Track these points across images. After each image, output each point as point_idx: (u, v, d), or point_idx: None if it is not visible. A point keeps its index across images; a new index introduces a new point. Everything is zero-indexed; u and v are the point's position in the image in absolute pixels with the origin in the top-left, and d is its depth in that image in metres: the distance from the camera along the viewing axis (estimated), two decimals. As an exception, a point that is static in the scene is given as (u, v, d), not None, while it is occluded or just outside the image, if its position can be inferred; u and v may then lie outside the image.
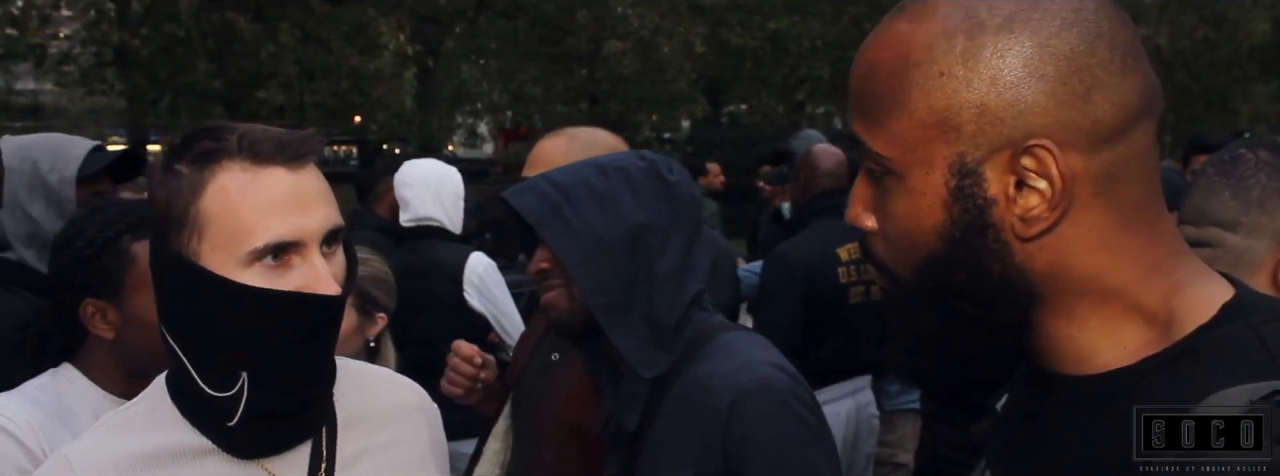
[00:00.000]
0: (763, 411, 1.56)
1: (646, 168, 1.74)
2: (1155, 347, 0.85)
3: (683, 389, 1.64)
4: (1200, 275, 0.89)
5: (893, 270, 0.93)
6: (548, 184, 1.73)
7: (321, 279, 1.20)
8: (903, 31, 0.88)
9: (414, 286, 3.85)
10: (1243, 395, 0.76)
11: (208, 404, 1.24)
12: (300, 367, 1.24)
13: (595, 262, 1.66)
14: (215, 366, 1.22)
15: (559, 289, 1.74)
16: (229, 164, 1.18)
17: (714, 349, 1.66)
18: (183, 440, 1.27)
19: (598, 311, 1.66)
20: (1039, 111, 0.83)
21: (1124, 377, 0.86)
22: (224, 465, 1.27)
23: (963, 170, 0.86)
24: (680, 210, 1.74)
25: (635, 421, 1.69)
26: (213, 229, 1.18)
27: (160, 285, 1.25)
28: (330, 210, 1.23)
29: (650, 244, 1.68)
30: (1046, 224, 0.85)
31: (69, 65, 18.38)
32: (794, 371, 1.67)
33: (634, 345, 1.66)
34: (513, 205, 1.75)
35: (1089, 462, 0.85)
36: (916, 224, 0.89)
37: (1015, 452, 0.96)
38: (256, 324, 1.19)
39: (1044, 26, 0.84)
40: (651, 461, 1.66)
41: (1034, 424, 0.94)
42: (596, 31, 19.80)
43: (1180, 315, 0.85)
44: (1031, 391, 0.96)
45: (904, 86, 0.87)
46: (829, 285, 3.92)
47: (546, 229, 1.68)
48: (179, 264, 1.20)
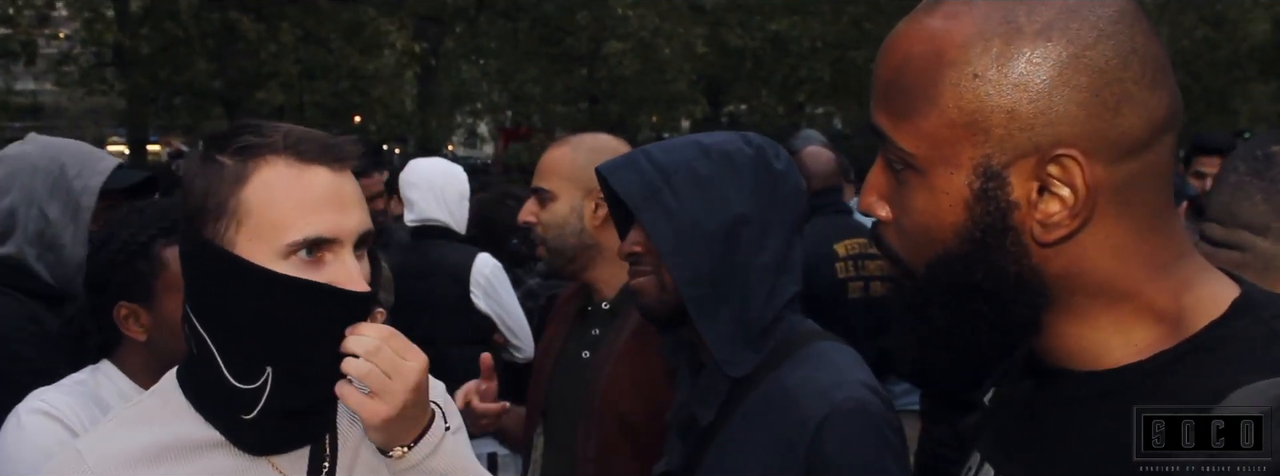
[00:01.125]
0: (854, 434, 1.50)
1: (753, 154, 1.66)
2: (1165, 344, 0.86)
3: (768, 392, 1.59)
4: (1206, 273, 0.90)
5: (905, 262, 0.94)
6: (648, 161, 1.67)
7: (353, 277, 1.22)
8: (937, 28, 0.88)
9: (418, 286, 3.85)
10: (1270, 389, 0.77)
11: (227, 396, 1.25)
12: (324, 363, 1.24)
13: (691, 252, 1.60)
14: (241, 356, 1.24)
15: (650, 275, 1.69)
16: (274, 159, 1.21)
17: (807, 356, 1.60)
18: (193, 433, 1.28)
19: (690, 303, 1.60)
20: (1069, 121, 0.84)
21: (1134, 373, 0.87)
22: (232, 458, 1.28)
23: (988, 173, 0.86)
24: (783, 202, 1.66)
25: (711, 415, 1.63)
26: (253, 219, 1.20)
27: (191, 273, 1.27)
28: (365, 214, 1.26)
29: (750, 237, 1.61)
30: (1066, 231, 0.86)
31: (69, 65, 18.38)
32: (885, 394, 1.61)
33: (723, 341, 1.60)
34: (610, 182, 1.69)
35: (1096, 457, 0.86)
36: (935, 221, 0.89)
37: (1016, 445, 0.97)
38: (287, 313, 1.21)
39: (1081, 37, 0.84)
40: (720, 456, 1.62)
41: (1038, 417, 0.94)
42: (596, 32, 19.78)
43: (1190, 312, 0.87)
44: (1032, 386, 0.97)
45: (936, 84, 0.87)
46: (826, 281, 3.93)
47: (644, 212, 1.63)
48: (213, 252, 1.22)
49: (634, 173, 1.66)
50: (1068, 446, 0.90)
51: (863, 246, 3.99)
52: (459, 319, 3.81)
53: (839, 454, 1.49)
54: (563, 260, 2.24)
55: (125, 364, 1.76)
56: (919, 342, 0.96)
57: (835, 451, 1.49)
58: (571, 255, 2.22)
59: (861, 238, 4.03)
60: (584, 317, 2.28)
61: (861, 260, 3.97)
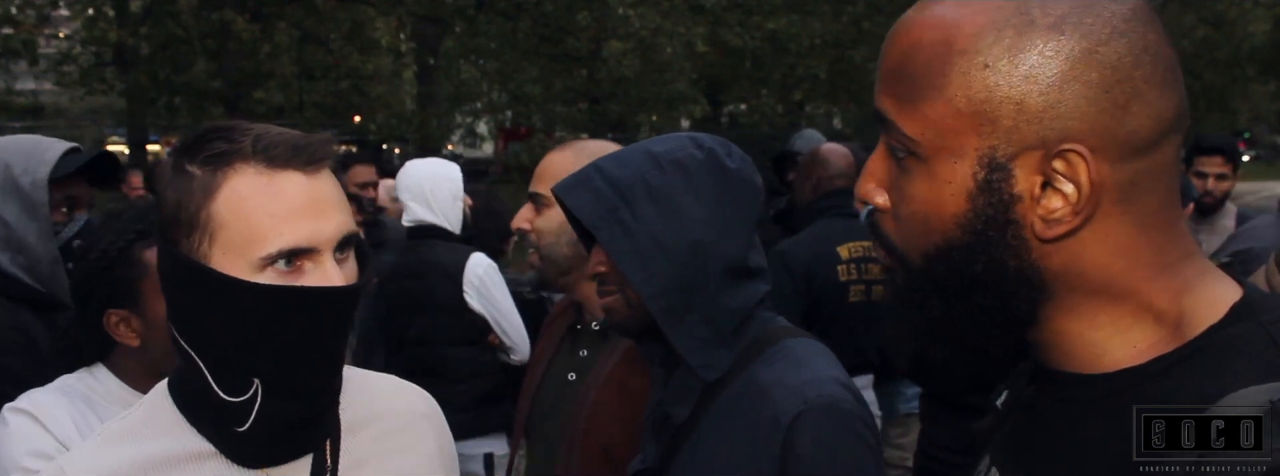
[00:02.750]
0: (827, 432, 1.51)
1: (704, 158, 1.65)
2: (1165, 347, 0.85)
3: (741, 390, 1.59)
4: (1208, 275, 0.89)
5: (901, 251, 0.93)
6: (602, 179, 1.65)
7: (334, 282, 1.18)
8: (950, 16, 0.87)
9: (413, 286, 3.84)
10: (1262, 395, 0.76)
11: (219, 408, 1.22)
12: (311, 371, 1.21)
13: (654, 267, 1.59)
14: (228, 369, 1.20)
15: (616, 294, 1.68)
16: (243, 166, 1.16)
17: (779, 354, 1.61)
18: (183, 445, 1.25)
19: (658, 316, 1.60)
20: (1078, 116, 0.83)
21: (1134, 377, 0.86)
22: (224, 469, 1.25)
23: (992, 164, 0.85)
24: (741, 202, 1.65)
25: (685, 414, 1.63)
26: (226, 233, 1.16)
27: (170, 288, 1.23)
28: (344, 216, 1.21)
29: (711, 243, 1.61)
30: (1068, 227, 0.85)
31: (69, 65, 18.39)
32: (857, 390, 1.61)
33: (695, 346, 1.60)
34: (567, 203, 1.68)
35: (1097, 461, 0.85)
36: (936, 210, 0.89)
37: (1021, 449, 0.96)
38: (269, 323, 1.17)
39: (1094, 32, 0.83)
40: (694, 454, 1.62)
41: (1040, 421, 0.94)
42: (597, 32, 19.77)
43: (1190, 315, 0.86)
44: (1037, 388, 0.96)
45: (945, 72, 0.86)
46: (828, 284, 3.91)
47: (602, 232, 1.61)
48: (190, 267, 1.18)
49: (588, 192, 1.64)
50: (1066, 450, 0.89)
51: (866, 249, 3.96)
52: (453, 319, 3.81)
53: (812, 451, 1.49)
54: (556, 270, 2.18)
55: (120, 369, 1.74)
56: (914, 334, 0.95)
57: (808, 448, 1.49)
58: (565, 266, 2.16)
59: (866, 241, 3.99)
60: (574, 337, 2.23)
61: (864, 263, 3.95)
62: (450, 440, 1.50)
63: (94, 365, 1.76)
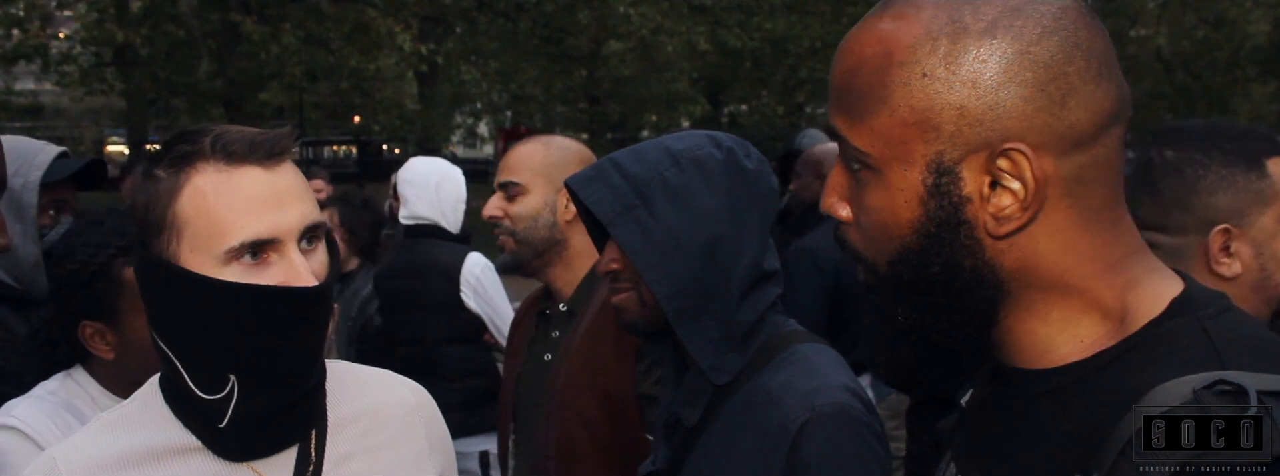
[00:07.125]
0: (835, 439, 1.50)
1: (724, 158, 1.63)
2: (1109, 342, 0.88)
3: (751, 394, 1.58)
4: (1155, 272, 0.91)
5: (869, 260, 0.96)
6: (619, 175, 1.63)
7: (300, 275, 1.20)
8: (887, 30, 0.90)
9: (409, 285, 3.85)
10: (1184, 387, 0.78)
11: (199, 406, 1.24)
12: (286, 365, 1.23)
13: (671, 267, 1.57)
14: (204, 369, 1.22)
15: (630, 292, 1.67)
16: (204, 165, 1.19)
17: (789, 359, 1.59)
18: (172, 438, 1.27)
19: (671, 316, 1.58)
20: (1017, 115, 0.86)
21: (1078, 371, 0.88)
22: (211, 463, 1.27)
23: (940, 168, 0.88)
24: (758, 203, 1.64)
25: (696, 417, 1.63)
26: (190, 230, 1.19)
27: (145, 289, 1.26)
28: (307, 207, 1.23)
29: (728, 244, 1.59)
30: (1018, 223, 0.87)
31: (69, 65, 18.40)
32: (867, 397, 1.60)
33: (707, 348, 1.59)
34: (582, 197, 1.66)
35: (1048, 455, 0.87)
36: (892, 218, 0.91)
37: (978, 446, 0.98)
38: (238, 320, 1.19)
39: (1025, 33, 0.86)
40: (704, 457, 1.61)
41: (993, 417, 0.96)
42: (597, 32, 19.79)
43: (1134, 310, 0.88)
44: (993, 385, 0.99)
45: (887, 85, 0.89)
46: (852, 282, 3.91)
47: (619, 229, 1.60)
48: (161, 267, 1.21)
49: (605, 187, 1.63)
50: (1016, 444, 0.91)
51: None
52: (450, 317, 3.81)
53: (819, 458, 1.49)
54: (530, 252, 2.26)
55: (98, 374, 1.73)
56: (887, 341, 0.97)
57: (815, 455, 1.49)
58: (541, 248, 2.26)
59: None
60: (546, 321, 2.33)
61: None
62: (444, 431, 1.50)
63: (74, 368, 1.75)
